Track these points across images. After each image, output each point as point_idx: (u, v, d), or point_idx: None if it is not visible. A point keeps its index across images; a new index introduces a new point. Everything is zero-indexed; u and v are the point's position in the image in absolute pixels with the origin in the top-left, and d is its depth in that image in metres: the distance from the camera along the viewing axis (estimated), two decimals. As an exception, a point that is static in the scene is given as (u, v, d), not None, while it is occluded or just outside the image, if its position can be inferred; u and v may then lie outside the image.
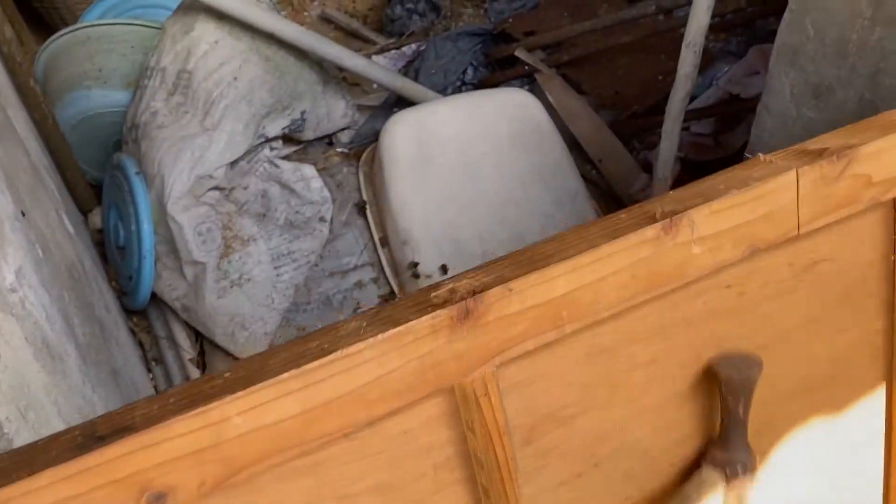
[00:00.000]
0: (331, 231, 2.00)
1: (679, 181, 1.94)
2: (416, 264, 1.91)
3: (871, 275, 0.73)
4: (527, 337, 0.56)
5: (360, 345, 0.51)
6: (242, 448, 0.50)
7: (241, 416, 0.49)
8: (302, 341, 0.53)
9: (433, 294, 0.55)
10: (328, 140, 2.27)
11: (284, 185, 1.95)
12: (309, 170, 2.01)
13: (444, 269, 1.91)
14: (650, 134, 2.09)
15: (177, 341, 1.82)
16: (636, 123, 2.16)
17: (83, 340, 0.99)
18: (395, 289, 1.95)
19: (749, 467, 0.67)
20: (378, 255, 2.02)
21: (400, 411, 0.56)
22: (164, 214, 1.73)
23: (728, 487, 0.67)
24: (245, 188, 1.93)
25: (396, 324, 0.52)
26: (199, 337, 1.83)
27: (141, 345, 1.93)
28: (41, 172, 1.51)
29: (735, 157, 1.97)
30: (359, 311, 1.92)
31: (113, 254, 2.00)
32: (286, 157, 2.08)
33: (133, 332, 1.93)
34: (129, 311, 1.97)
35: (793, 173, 0.60)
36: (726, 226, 0.59)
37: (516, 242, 2.00)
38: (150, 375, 1.85)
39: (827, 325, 0.74)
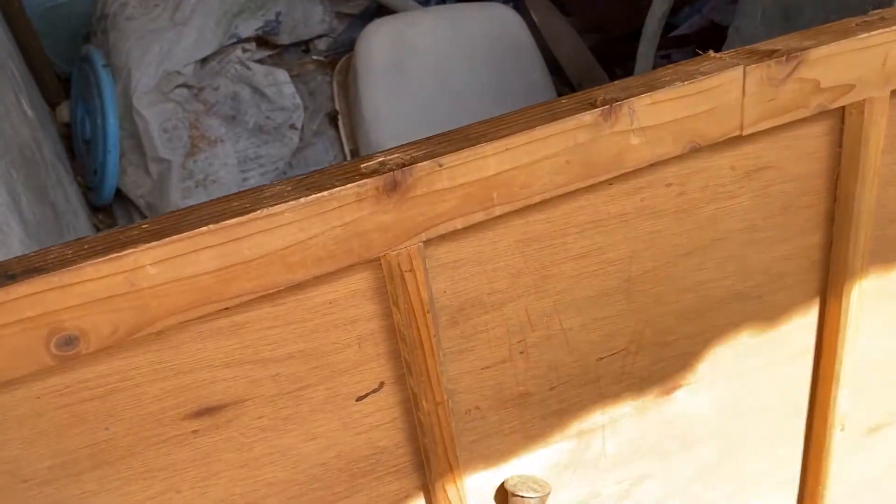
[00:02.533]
0: (301, 139, 1.97)
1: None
2: (385, 177, 1.89)
3: (813, 187, 0.73)
4: (455, 215, 0.56)
5: (282, 206, 0.51)
6: (157, 299, 0.50)
7: (155, 265, 0.49)
8: (224, 200, 0.52)
9: (363, 165, 0.54)
10: (304, 47, 2.21)
11: (256, 89, 1.91)
12: (282, 75, 1.97)
13: (411, 181, 1.89)
14: (631, 60, 2.06)
15: (140, 239, 1.82)
16: (618, 48, 2.13)
17: (31, 219, 0.98)
18: (363, 200, 1.94)
19: None
20: (348, 167, 2.00)
21: (323, 280, 0.56)
22: (130, 108, 1.70)
23: None
24: (215, 89, 1.89)
25: (321, 189, 0.52)
26: (162, 236, 1.83)
27: (104, 242, 1.92)
28: (1, 54, 1.47)
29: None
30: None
31: (79, 148, 1.97)
32: (260, 61, 2.03)
33: (97, 229, 1.92)
34: (94, 208, 1.95)
35: (739, 70, 0.60)
36: (668, 118, 0.59)
37: (488, 162, 1.98)
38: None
39: (765, 234, 0.74)
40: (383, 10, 2.20)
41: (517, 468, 0.74)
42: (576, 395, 0.75)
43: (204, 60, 1.81)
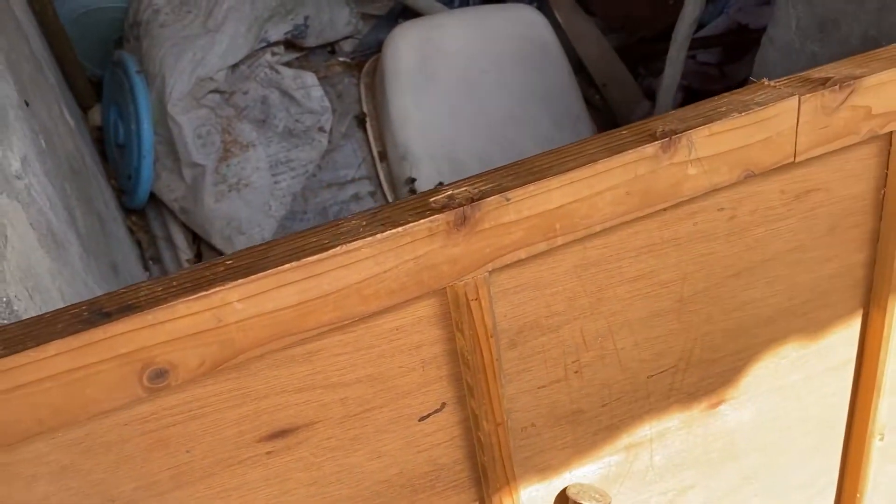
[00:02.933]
0: (330, 142, 2.00)
1: (683, 111, 1.93)
2: (413, 180, 1.92)
3: (859, 207, 0.74)
4: (519, 246, 0.58)
5: (359, 242, 0.53)
6: (242, 332, 0.53)
7: (241, 301, 0.52)
8: (302, 236, 0.54)
9: (432, 199, 0.56)
10: (331, 48, 2.23)
11: (284, 92, 1.93)
12: (310, 78, 1.99)
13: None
14: (656, 60, 2.07)
15: (174, 242, 1.85)
16: (643, 49, 2.13)
17: (84, 231, 1.01)
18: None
19: None
20: (376, 169, 2.02)
21: (393, 309, 0.58)
22: (165, 115, 1.72)
23: None
24: (245, 93, 1.92)
25: (395, 225, 0.54)
26: (196, 239, 1.85)
27: (139, 244, 1.95)
28: (42, 64, 1.49)
29: (740, 85, 1.95)
30: (355, 222, 1.93)
31: (112, 152, 2.00)
32: (287, 64, 2.05)
33: (131, 231, 1.95)
34: (127, 210, 1.98)
35: (794, 100, 0.61)
36: (724, 148, 0.60)
37: (515, 163, 1.99)
38: (147, 274, 1.88)
39: (812, 253, 0.76)
40: (408, 11, 2.21)
41: (569, 481, 0.77)
42: (626, 412, 0.77)
43: (234, 66, 1.84)
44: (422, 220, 0.54)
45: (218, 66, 1.74)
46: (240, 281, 0.51)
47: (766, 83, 0.63)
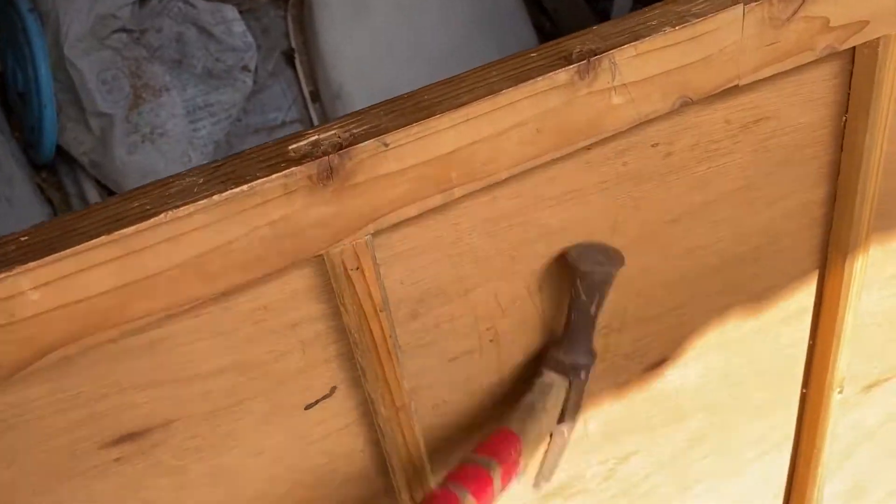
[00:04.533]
0: (255, 82, 1.83)
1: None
2: (347, 121, 1.78)
3: (817, 137, 0.64)
4: (407, 201, 0.47)
5: (191, 207, 0.41)
6: (44, 328, 0.41)
7: (38, 290, 0.40)
8: (121, 200, 0.43)
9: (291, 146, 0.44)
10: (255, -21, 2.04)
11: (202, 29, 1.76)
12: (230, 11, 1.81)
13: (375, 127, 1.77)
14: (610, -16, 1.93)
15: (87, 199, 1.70)
16: (595, -28, 1.99)
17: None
18: (325, 147, 1.82)
19: (590, 370, 0.61)
20: (308, 111, 1.87)
21: (253, 285, 0.47)
22: (63, 59, 1.55)
23: (569, 391, 0.61)
24: (159, 31, 1.74)
25: (238, 182, 0.42)
26: (110, 194, 1.71)
27: (51, 202, 1.79)
28: None
29: None
30: (285, 170, 1.80)
31: (15, 101, 1.81)
32: (206, -2, 1.87)
33: (41, 189, 1.79)
34: (37, 166, 1.81)
35: (738, 10, 0.50)
36: (655, 71, 0.49)
37: (456, 100, 1.86)
38: (62, 235, 1.73)
39: (762, 192, 0.66)
40: (338, -64, 2.02)
41: (494, 461, 0.68)
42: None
43: (143, 1, 1.65)
44: (274, 176, 0.43)
45: (120, 2, 1.56)
46: (32, 264, 0.39)
47: (705, -10, 0.52)
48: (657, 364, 0.73)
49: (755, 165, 0.64)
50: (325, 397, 0.57)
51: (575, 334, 0.59)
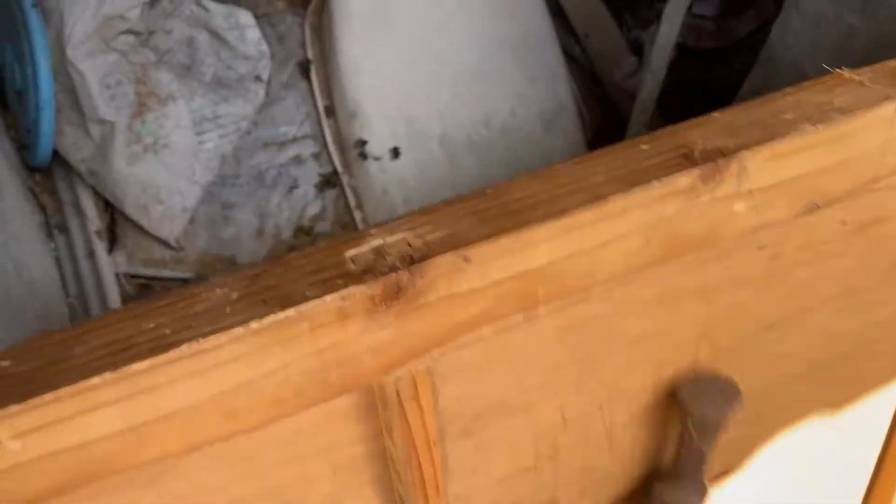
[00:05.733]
0: (267, 93, 1.74)
1: (671, 69, 1.73)
2: (364, 143, 1.69)
3: (937, 240, 0.56)
4: (482, 322, 0.38)
5: (222, 337, 0.32)
6: (25, 481, 0.32)
7: (18, 439, 0.31)
8: (132, 316, 0.34)
9: (348, 254, 0.35)
10: (272, -17, 1.95)
11: (214, 34, 1.67)
12: (245, 17, 1.72)
13: (395, 152, 1.69)
14: (645, 8, 1.85)
15: (82, 209, 1.60)
16: (629, -6, 1.91)
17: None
18: (339, 168, 1.73)
19: None
20: (321, 127, 1.78)
21: (285, 417, 0.38)
22: (64, 60, 1.45)
23: None
24: (168, 33, 1.65)
25: (284, 304, 0.33)
26: (108, 207, 1.61)
27: (43, 209, 1.70)
28: None
29: (738, 46, 1.75)
30: (294, 191, 1.71)
31: (11, 98, 1.71)
32: None
33: (34, 194, 1.69)
34: (30, 168, 1.71)
35: (890, 107, 0.41)
36: (786, 175, 0.41)
37: (480, 126, 1.78)
38: (52, 245, 1.64)
39: (863, 297, 0.58)
40: (362, -57, 1.94)
41: (538, 585, 0.59)
42: (610, 496, 0.59)
43: (154, 1, 1.56)
44: (329, 297, 0.33)
45: (130, 3, 1.47)
46: (13, 409, 0.30)
47: (846, 75, 0.43)
48: (720, 475, 0.64)
49: (863, 269, 0.55)
50: (353, 526, 0.48)
51: (685, 471, 0.51)
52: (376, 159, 1.76)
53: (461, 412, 0.46)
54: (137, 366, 0.31)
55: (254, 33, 1.75)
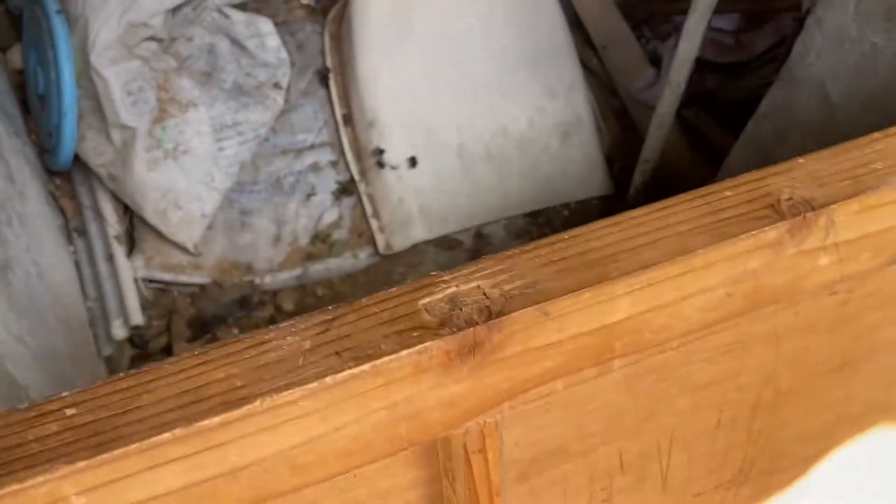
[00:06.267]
0: (286, 101, 1.73)
1: (690, 83, 1.71)
2: (381, 151, 1.68)
3: None
4: (556, 375, 0.37)
5: (297, 391, 0.31)
6: (88, 539, 0.31)
7: (84, 495, 0.29)
8: (200, 363, 0.32)
9: (423, 302, 0.34)
10: (293, -11, 1.94)
11: (235, 41, 1.66)
12: (265, 24, 1.71)
13: (412, 161, 1.68)
14: (664, 21, 1.83)
15: (102, 213, 1.59)
16: (650, 8, 1.89)
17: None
18: (356, 176, 1.72)
19: None
20: (339, 135, 1.77)
21: (354, 469, 0.37)
22: (88, 66, 1.45)
23: None
24: (189, 40, 1.64)
25: (359, 358, 0.32)
26: (127, 211, 1.60)
27: (63, 212, 1.69)
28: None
29: (756, 60, 1.74)
30: (311, 198, 1.69)
31: (34, 102, 1.71)
32: (241, 6, 1.77)
33: (54, 197, 1.68)
34: (51, 172, 1.70)
35: (982, 157, 0.40)
36: (873, 228, 0.39)
37: (498, 137, 1.77)
38: (72, 248, 1.63)
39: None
40: (385, -49, 1.93)
41: None
42: (661, 537, 0.58)
43: (176, 8, 1.55)
44: (405, 352, 0.32)
45: (153, 10, 1.46)
46: (80, 465, 0.29)
47: (932, 122, 0.42)
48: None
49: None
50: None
51: None
52: (393, 168, 1.75)
53: (519, 457, 0.45)
54: (209, 422, 0.30)
55: (274, 41, 1.75)
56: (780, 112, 1.06)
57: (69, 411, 0.31)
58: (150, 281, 1.60)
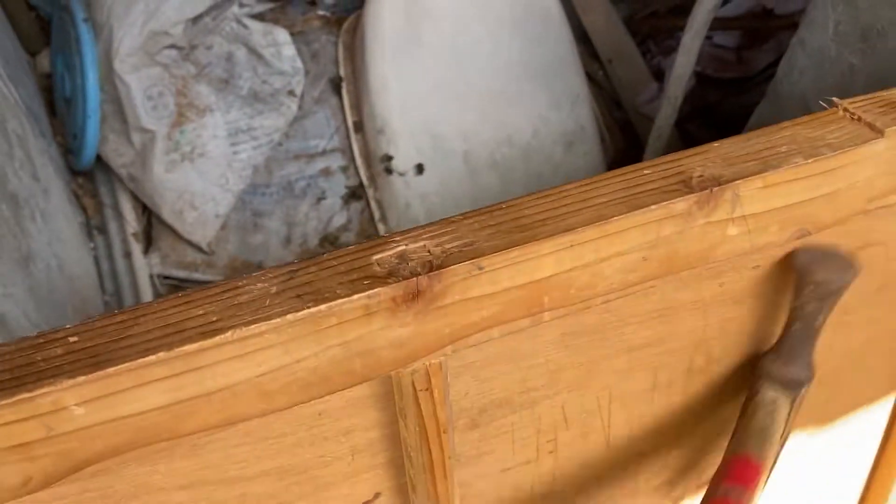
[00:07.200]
0: (300, 107, 1.81)
1: (692, 97, 1.76)
2: (390, 158, 1.74)
3: (928, 268, 0.59)
4: (492, 324, 0.42)
5: (263, 325, 0.37)
6: (85, 442, 0.37)
7: (83, 405, 0.36)
8: (182, 303, 0.38)
9: (375, 257, 0.40)
10: None
11: (252, 50, 1.74)
12: (282, 34, 1.79)
13: (419, 168, 1.74)
14: (668, 37, 1.89)
15: (121, 212, 1.67)
16: (655, 24, 1.95)
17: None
18: (365, 182, 1.79)
19: (809, 386, 0.54)
20: (350, 142, 1.84)
21: (313, 399, 0.43)
22: (112, 72, 1.53)
23: (790, 409, 0.53)
24: (208, 48, 1.72)
25: (317, 300, 0.38)
26: (145, 210, 1.68)
27: (84, 210, 1.77)
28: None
29: (757, 77, 1.78)
30: (321, 201, 1.76)
31: (60, 105, 1.80)
32: (259, 16, 1.85)
33: (76, 196, 1.77)
34: (74, 172, 1.79)
35: (880, 144, 0.45)
36: (778, 204, 0.45)
37: (503, 146, 1.82)
38: (91, 245, 1.71)
39: (853, 315, 0.61)
40: (397, -34, 2.00)
41: (538, 580, 0.62)
42: (608, 496, 0.63)
43: (196, 17, 1.63)
44: (356, 297, 0.38)
45: (174, 19, 1.54)
46: (80, 379, 0.35)
47: (840, 109, 0.47)
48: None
49: (855, 290, 0.58)
50: (367, 503, 0.52)
51: (796, 347, 0.52)
52: (401, 174, 1.81)
53: (469, 406, 0.51)
54: (188, 347, 0.36)
55: (289, 50, 1.83)
56: (766, 126, 1.12)
57: (72, 339, 0.37)
58: (166, 277, 1.67)
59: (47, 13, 1.89)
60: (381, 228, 1.83)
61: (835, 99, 0.48)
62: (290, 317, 0.37)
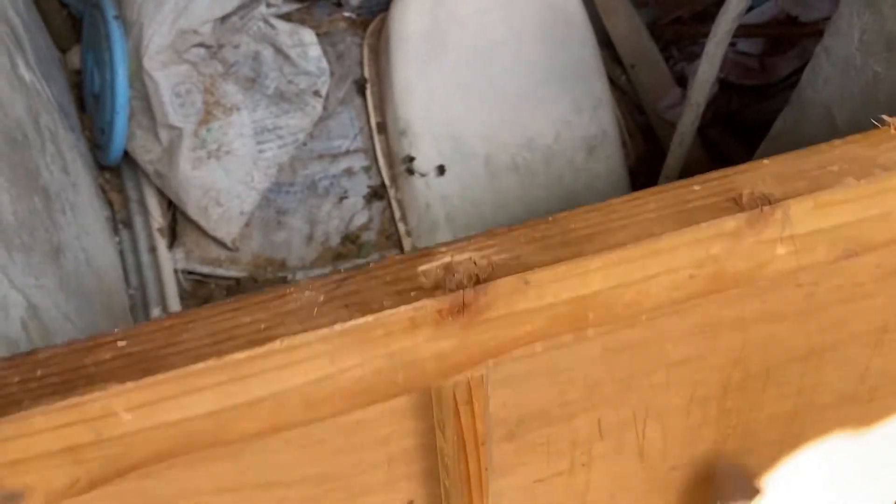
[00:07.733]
0: (325, 108, 1.81)
1: (715, 104, 1.75)
2: (412, 159, 1.75)
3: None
4: (536, 338, 0.42)
5: (310, 335, 0.37)
6: (132, 447, 0.37)
7: (131, 411, 0.36)
8: (231, 309, 0.38)
9: (421, 268, 0.40)
10: (337, 0, 2.02)
11: (279, 50, 1.74)
12: (308, 35, 1.79)
13: (441, 170, 1.74)
14: (692, 43, 1.87)
15: (147, 207, 1.68)
16: (679, 30, 1.94)
17: (12, 221, 0.84)
18: (387, 182, 1.79)
19: None
20: (373, 142, 1.85)
21: (356, 409, 0.43)
22: (141, 69, 1.54)
23: None
24: (236, 47, 1.73)
25: (364, 311, 0.38)
26: (171, 206, 1.69)
27: (110, 204, 1.79)
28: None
29: (780, 84, 1.77)
30: (344, 201, 1.76)
31: (89, 101, 1.81)
32: (286, 16, 1.85)
33: (103, 190, 1.78)
34: (101, 166, 1.81)
35: (930, 163, 0.45)
36: (827, 224, 0.44)
37: (524, 149, 1.82)
38: (117, 239, 1.72)
39: (893, 335, 0.60)
40: (424, -32, 2.00)
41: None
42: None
43: (224, 17, 1.64)
44: (402, 308, 0.38)
45: (203, 18, 1.55)
46: (129, 385, 0.35)
47: (891, 128, 0.46)
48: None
49: (893, 308, 0.58)
50: (402, 514, 0.52)
51: None
52: (422, 175, 1.81)
53: (506, 417, 0.50)
54: (237, 355, 0.36)
55: (315, 51, 1.83)
56: (789, 134, 1.11)
57: (120, 343, 0.37)
58: (189, 273, 1.68)
59: (78, 11, 1.91)
60: (402, 228, 1.84)
61: (885, 117, 0.47)
62: (336, 327, 0.37)
